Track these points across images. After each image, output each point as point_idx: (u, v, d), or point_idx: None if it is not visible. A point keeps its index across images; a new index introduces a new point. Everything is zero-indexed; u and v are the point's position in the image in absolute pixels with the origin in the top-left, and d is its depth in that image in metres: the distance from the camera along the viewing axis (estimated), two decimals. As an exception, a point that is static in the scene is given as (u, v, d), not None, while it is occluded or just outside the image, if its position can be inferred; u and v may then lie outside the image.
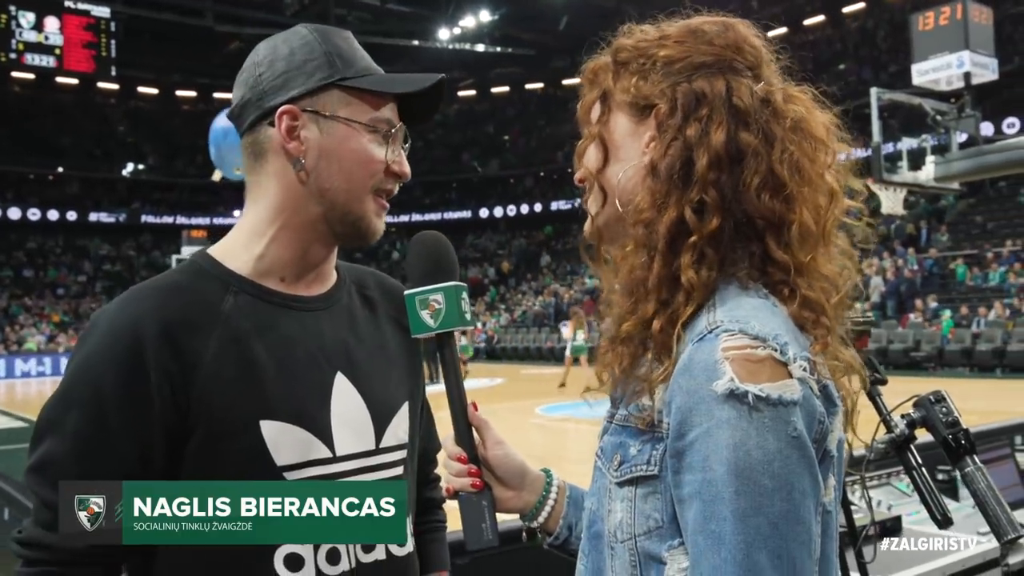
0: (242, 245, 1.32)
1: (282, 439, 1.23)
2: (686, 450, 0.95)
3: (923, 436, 1.85)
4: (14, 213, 39.14)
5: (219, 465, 1.19)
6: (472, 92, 47.69)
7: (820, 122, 1.11)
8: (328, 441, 1.27)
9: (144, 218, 41.42)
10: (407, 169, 1.35)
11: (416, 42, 41.65)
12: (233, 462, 1.20)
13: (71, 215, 40.19)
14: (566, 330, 20.89)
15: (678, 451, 0.97)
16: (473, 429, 1.26)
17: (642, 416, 1.05)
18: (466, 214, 44.69)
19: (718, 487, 0.92)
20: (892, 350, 20.60)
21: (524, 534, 1.32)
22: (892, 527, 2.83)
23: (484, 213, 44.39)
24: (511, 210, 43.53)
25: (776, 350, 0.96)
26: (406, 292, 1.26)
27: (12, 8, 36.07)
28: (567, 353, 19.19)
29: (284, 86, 1.29)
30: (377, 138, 1.30)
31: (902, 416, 1.84)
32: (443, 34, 42.40)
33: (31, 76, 40.90)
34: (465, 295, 1.26)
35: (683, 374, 0.97)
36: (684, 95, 1.08)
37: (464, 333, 18.87)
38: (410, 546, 1.37)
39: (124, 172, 42.93)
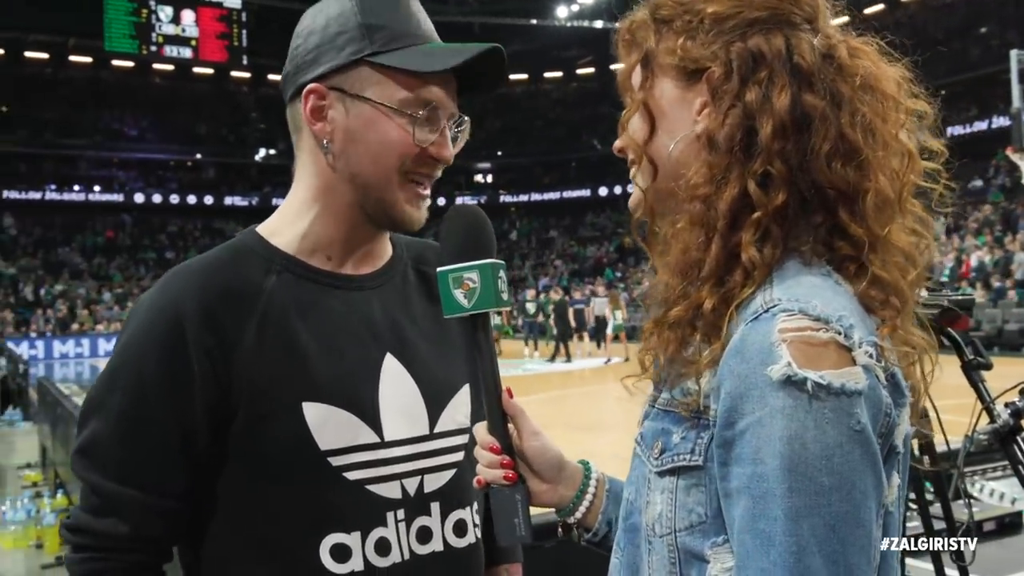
0: (287, 223, 1.29)
1: (326, 422, 1.18)
2: (735, 440, 0.87)
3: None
4: (156, 198, 41.42)
5: (261, 448, 1.17)
6: (591, 70, 47.21)
7: (890, 77, 1.00)
8: (376, 425, 1.22)
9: (275, 201, 42.62)
10: (447, 153, 1.25)
11: (534, 20, 41.53)
12: (275, 445, 1.17)
13: (208, 199, 42.18)
14: (601, 309, 22.32)
15: (726, 441, 0.88)
16: (508, 418, 1.16)
17: (687, 401, 0.97)
18: (585, 193, 44.34)
19: (770, 483, 0.84)
20: (1036, 331, 19.35)
21: (560, 529, 1.24)
22: (1012, 523, 2.65)
23: (603, 192, 43.98)
24: (630, 188, 42.80)
25: (840, 333, 0.86)
26: (438, 270, 1.15)
27: (152, 3, 37.94)
28: (609, 332, 20.90)
29: (315, 61, 1.22)
30: (410, 120, 1.21)
31: (1006, 405, 1.68)
32: (561, 12, 42.11)
33: (170, 67, 43.00)
34: (503, 273, 1.16)
35: (735, 356, 0.88)
36: (740, 56, 0.97)
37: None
38: (472, 537, 1.30)
39: (256, 157, 44.66)
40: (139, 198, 41.17)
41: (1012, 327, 19.51)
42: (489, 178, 47.48)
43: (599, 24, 42.32)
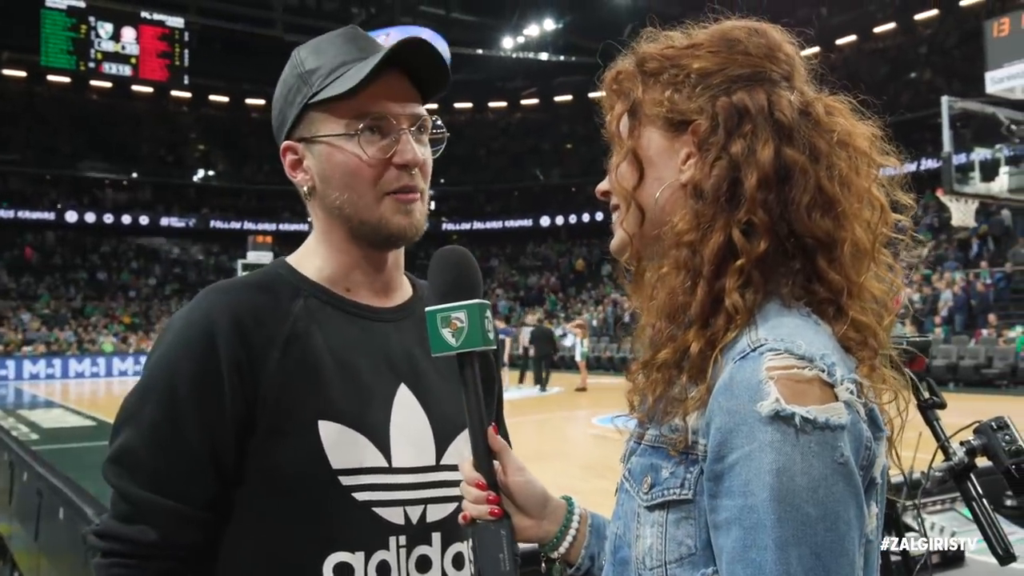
0: (307, 256, 1.37)
1: (339, 442, 1.23)
2: (725, 473, 0.91)
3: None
4: (90, 217, 40.36)
5: (277, 463, 1.21)
6: (535, 101, 47.76)
7: (863, 134, 1.07)
8: (385, 451, 1.26)
9: (212, 223, 42.29)
10: (410, 156, 1.29)
11: (480, 51, 41.91)
12: (290, 460, 1.21)
13: (143, 219, 41.28)
14: (572, 338, 22.75)
15: (716, 474, 0.93)
16: (493, 454, 1.19)
17: (675, 437, 1.01)
18: (527, 222, 44.71)
19: (759, 514, 0.88)
20: (963, 366, 19.98)
21: (543, 564, 1.26)
22: (954, 557, 2.70)
23: (545, 221, 44.34)
24: (572, 219, 43.40)
25: (823, 371, 0.92)
26: (427, 309, 1.19)
27: (91, 19, 37.28)
28: (579, 359, 21.30)
29: (283, 122, 1.33)
30: (364, 139, 1.27)
31: (961, 443, 1.73)
32: (507, 43, 42.62)
33: (108, 85, 42.24)
34: (489, 313, 1.19)
35: (723, 393, 0.93)
36: (725, 110, 1.03)
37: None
38: (468, 571, 1.32)
39: (195, 178, 44.04)
40: (71, 217, 40.09)
41: (939, 363, 20.10)
42: (432, 205, 47.32)
43: (544, 56, 42.88)
